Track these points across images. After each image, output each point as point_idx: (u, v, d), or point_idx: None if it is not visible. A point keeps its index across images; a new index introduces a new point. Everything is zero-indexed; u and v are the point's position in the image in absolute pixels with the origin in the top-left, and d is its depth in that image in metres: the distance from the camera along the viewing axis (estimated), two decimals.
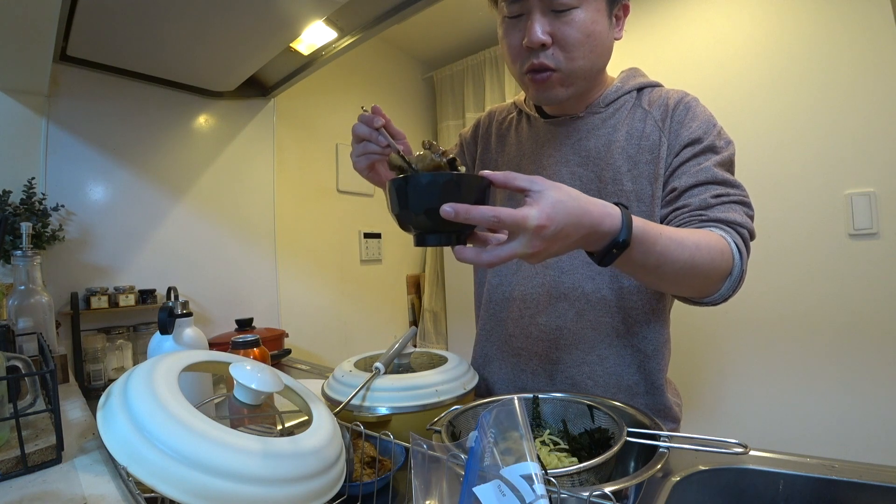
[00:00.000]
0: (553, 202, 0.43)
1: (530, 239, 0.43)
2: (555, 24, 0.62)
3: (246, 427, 0.53)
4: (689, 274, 0.55)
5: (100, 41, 1.17)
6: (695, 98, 0.71)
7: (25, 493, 0.41)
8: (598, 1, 0.63)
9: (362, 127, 0.61)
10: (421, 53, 2.54)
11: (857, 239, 1.40)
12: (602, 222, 0.46)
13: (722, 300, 0.61)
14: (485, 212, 0.42)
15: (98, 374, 1.16)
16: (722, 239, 0.58)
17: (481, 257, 0.44)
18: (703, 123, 0.67)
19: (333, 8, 1.08)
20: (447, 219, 0.42)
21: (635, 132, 0.70)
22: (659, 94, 0.72)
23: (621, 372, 0.72)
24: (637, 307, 0.71)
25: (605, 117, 0.72)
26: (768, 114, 1.53)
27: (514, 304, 0.79)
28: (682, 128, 0.67)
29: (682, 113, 0.68)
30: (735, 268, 0.59)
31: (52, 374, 0.50)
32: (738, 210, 0.62)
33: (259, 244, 1.70)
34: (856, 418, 1.39)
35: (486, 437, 0.38)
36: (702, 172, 0.63)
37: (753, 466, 0.51)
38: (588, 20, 0.62)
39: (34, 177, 1.16)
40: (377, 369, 0.67)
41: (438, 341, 2.44)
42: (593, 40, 0.64)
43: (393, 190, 0.47)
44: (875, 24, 1.35)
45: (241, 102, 1.65)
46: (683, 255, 0.53)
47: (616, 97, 0.73)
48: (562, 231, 0.44)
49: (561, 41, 0.63)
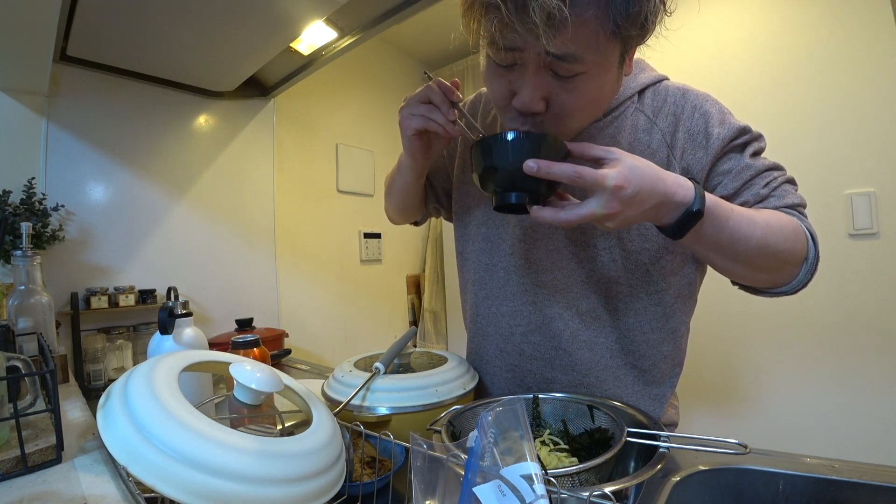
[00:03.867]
0: (630, 166, 0.43)
1: (608, 199, 0.43)
2: (553, 87, 0.49)
3: (246, 427, 0.53)
4: (763, 254, 0.52)
5: (100, 41, 1.17)
6: (706, 97, 0.62)
7: (25, 493, 0.41)
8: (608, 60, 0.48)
9: (437, 94, 0.57)
10: (421, 53, 2.54)
11: (857, 239, 1.40)
12: (676, 192, 0.46)
13: (801, 286, 0.57)
14: (566, 168, 0.42)
15: (98, 374, 1.16)
16: (793, 220, 0.55)
17: (559, 216, 0.45)
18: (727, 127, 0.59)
19: (333, 8, 1.08)
20: (529, 173, 0.44)
21: (639, 145, 0.62)
22: (665, 96, 0.63)
23: (620, 394, 0.68)
24: (635, 329, 0.66)
25: (602, 126, 0.64)
26: (768, 113, 1.53)
27: (504, 320, 0.73)
28: (707, 139, 0.59)
29: (701, 123, 0.59)
30: (811, 251, 0.56)
31: (52, 374, 0.50)
32: (791, 191, 0.59)
33: (259, 244, 1.70)
34: (856, 418, 1.39)
35: (486, 437, 0.38)
36: (744, 171, 0.58)
37: (753, 466, 0.51)
38: (594, 86, 0.50)
39: (34, 177, 1.16)
40: (377, 369, 0.67)
41: (438, 341, 2.44)
42: (597, 104, 0.54)
43: (479, 148, 0.49)
44: (875, 24, 1.35)
45: (241, 102, 1.65)
46: (756, 233, 0.50)
47: (617, 104, 0.64)
48: (637, 195, 0.43)
49: (557, 109, 0.50)
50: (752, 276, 0.57)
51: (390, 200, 0.83)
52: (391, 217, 0.88)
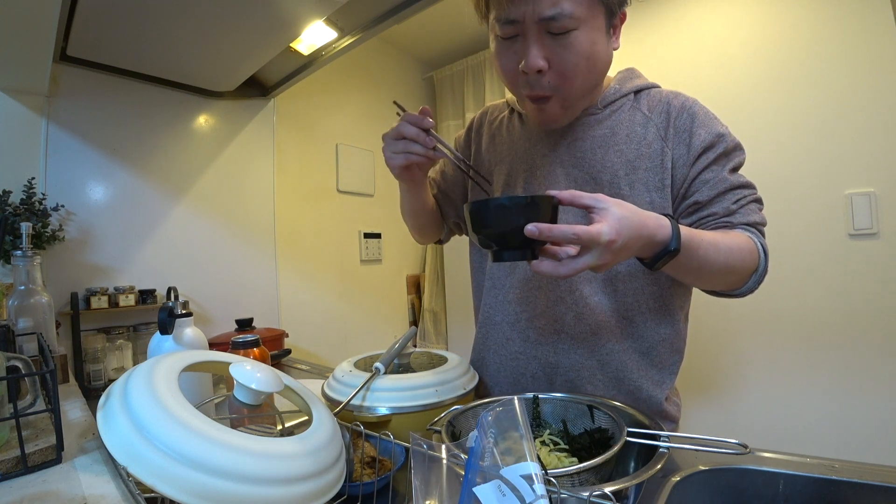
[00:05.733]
0: (619, 218, 0.48)
1: (602, 252, 0.47)
2: (552, 47, 0.58)
3: (246, 427, 0.53)
4: (724, 272, 0.60)
5: (100, 41, 1.17)
6: (695, 101, 0.69)
7: (25, 493, 0.41)
8: (596, 19, 0.59)
9: (409, 127, 0.63)
10: (421, 53, 2.54)
11: (857, 239, 1.40)
12: (656, 233, 0.51)
13: (749, 292, 0.66)
14: (565, 230, 0.46)
15: (98, 374, 1.16)
16: (750, 240, 0.63)
17: (559, 270, 0.49)
18: (710, 130, 0.66)
19: (333, 8, 1.08)
20: (531, 237, 0.47)
21: (635, 136, 0.68)
22: (659, 98, 0.70)
23: (623, 377, 0.70)
24: (634, 309, 0.70)
25: (601, 118, 0.71)
26: (768, 114, 1.53)
27: (511, 308, 0.77)
28: (691, 137, 0.66)
29: (687, 121, 0.67)
30: (761, 264, 0.64)
31: (52, 374, 0.50)
32: (755, 210, 0.66)
33: (259, 244, 1.70)
34: (856, 418, 1.39)
35: (486, 437, 0.38)
36: (720, 183, 0.65)
37: (753, 466, 0.51)
38: (587, 41, 0.59)
39: (34, 177, 1.16)
40: (377, 369, 0.67)
41: (438, 341, 2.44)
42: (592, 61, 0.61)
43: (474, 212, 0.52)
44: (875, 24, 1.35)
45: (241, 102, 1.65)
46: (720, 258, 0.58)
47: (614, 99, 0.71)
48: (626, 244, 0.48)
49: (558, 66, 0.60)
50: (710, 286, 0.66)
51: (407, 222, 0.88)
52: (415, 238, 0.93)
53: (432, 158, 0.65)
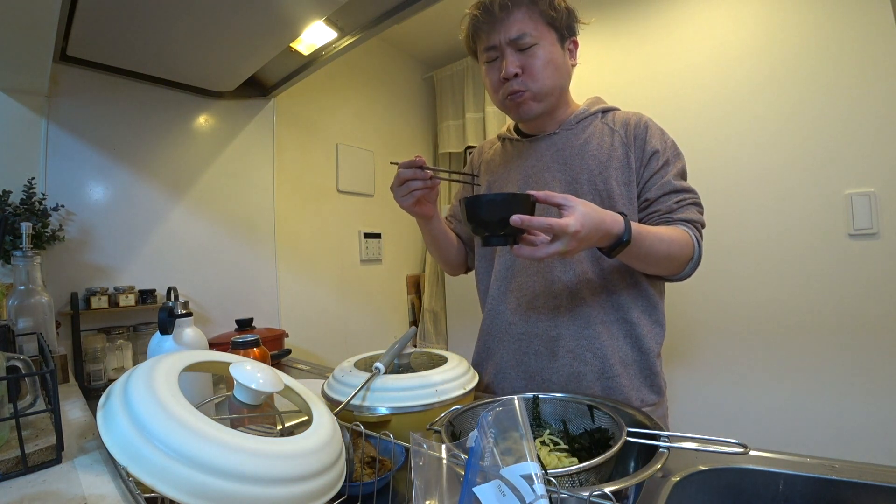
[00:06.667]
0: (583, 213, 0.60)
1: (569, 240, 0.60)
2: (522, 58, 0.80)
3: (246, 427, 0.53)
4: (665, 260, 0.75)
5: (100, 41, 1.17)
6: (649, 118, 0.87)
7: (25, 493, 0.41)
8: (548, 38, 0.81)
9: (405, 171, 0.81)
10: (421, 53, 2.54)
11: (857, 239, 1.40)
12: (612, 228, 0.64)
13: (686, 277, 0.81)
14: (541, 221, 0.59)
15: (98, 374, 1.16)
16: (686, 234, 0.77)
17: (536, 253, 0.61)
18: (659, 139, 0.83)
19: (333, 8, 1.08)
20: (515, 226, 0.59)
21: (605, 144, 0.85)
22: (621, 116, 0.88)
23: (616, 345, 0.82)
24: (619, 286, 0.83)
25: (577, 132, 0.88)
26: (768, 114, 1.53)
27: (512, 295, 0.89)
28: (644, 143, 0.83)
29: (643, 131, 0.84)
30: (695, 254, 0.78)
31: (52, 374, 0.50)
32: (693, 210, 0.80)
33: (259, 244, 1.70)
34: (856, 418, 1.39)
35: (486, 437, 0.38)
36: (665, 185, 0.81)
37: (753, 466, 0.51)
38: (546, 53, 0.81)
39: (34, 177, 1.16)
40: (377, 369, 0.67)
41: (438, 341, 2.44)
42: (552, 65, 0.82)
43: (468, 205, 0.64)
44: (875, 24, 1.35)
45: (241, 102, 1.65)
46: (662, 248, 0.73)
47: (584, 117, 0.89)
48: (588, 234, 0.61)
49: (528, 70, 0.81)
50: (656, 270, 0.79)
51: (434, 257, 1.07)
52: (447, 271, 1.10)
53: (432, 186, 0.83)
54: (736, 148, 1.59)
